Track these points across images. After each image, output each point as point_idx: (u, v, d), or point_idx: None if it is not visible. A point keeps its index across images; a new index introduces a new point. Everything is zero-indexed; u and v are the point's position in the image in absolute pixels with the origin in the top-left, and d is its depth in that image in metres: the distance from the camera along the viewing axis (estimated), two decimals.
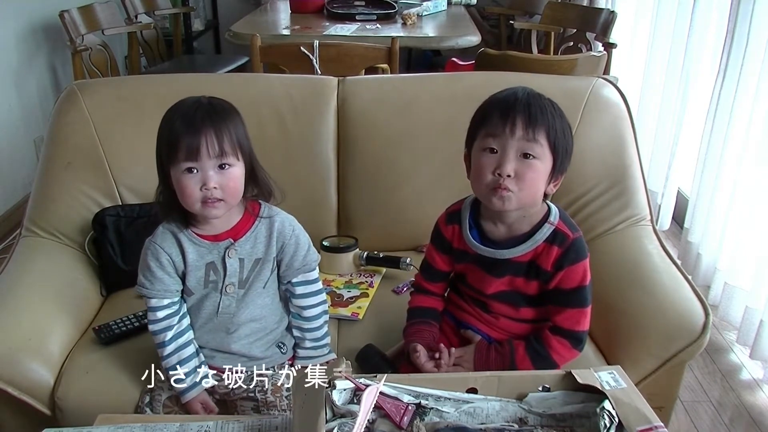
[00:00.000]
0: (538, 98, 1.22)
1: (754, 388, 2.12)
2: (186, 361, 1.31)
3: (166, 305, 1.31)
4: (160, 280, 1.29)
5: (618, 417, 0.93)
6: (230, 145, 1.21)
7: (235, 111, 1.26)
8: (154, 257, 1.29)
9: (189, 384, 1.31)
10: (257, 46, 2.60)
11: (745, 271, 2.30)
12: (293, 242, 1.33)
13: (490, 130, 1.21)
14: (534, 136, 1.18)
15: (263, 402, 1.32)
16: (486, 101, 1.26)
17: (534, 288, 1.30)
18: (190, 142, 1.18)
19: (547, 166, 1.21)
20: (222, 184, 1.21)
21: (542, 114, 1.19)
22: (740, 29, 2.29)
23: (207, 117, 1.20)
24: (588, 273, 1.28)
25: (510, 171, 1.18)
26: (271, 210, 1.33)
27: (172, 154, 1.20)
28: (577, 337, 1.29)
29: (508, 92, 1.24)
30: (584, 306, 1.29)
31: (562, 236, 1.25)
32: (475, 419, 0.98)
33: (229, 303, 1.32)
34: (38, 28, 3.45)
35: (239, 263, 1.31)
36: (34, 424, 1.30)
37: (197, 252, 1.29)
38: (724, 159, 2.42)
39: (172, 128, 1.21)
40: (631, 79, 3.38)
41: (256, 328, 1.35)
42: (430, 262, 1.40)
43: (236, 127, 1.23)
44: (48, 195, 1.74)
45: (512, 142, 1.18)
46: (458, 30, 3.46)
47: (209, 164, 1.20)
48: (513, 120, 1.18)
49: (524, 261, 1.27)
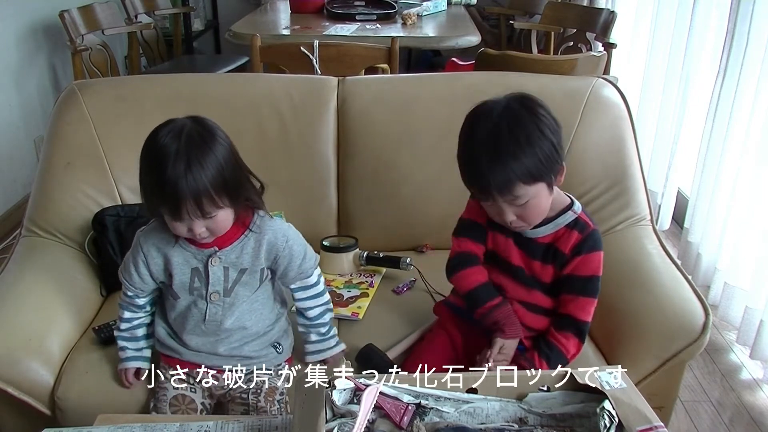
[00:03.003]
0: (497, 143, 1.18)
1: (754, 388, 2.12)
2: (132, 339, 1.38)
3: (136, 295, 1.36)
4: (131, 275, 1.33)
5: (618, 417, 0.93)
6: (212, 201, 1.17)
7: (217, 142, 1.19)
8: (133, 254, 1.32)
9: (129, 355, 1.37)
10: (257, 46, 2.60)
11: (745, 271, 2.30)
12: (287, 254, 1.32)
13: (476, 197, 1.26)
14: (514, 195, 1.20)
15: (254, 407, 1.32)
16: (459, 146, 1.25)
17: (549, 273, 1.32)
18: (171, 206, 1.17)
19: (543, 190, 1.22)
20: (210, 227, 1.22)
21: (507, 170, 1.17)
22: (740, 29, 2.29)
23: (185, 174, 1.13)
24: (601, 266, 1.31)
25: (511, 219, 1.24)
26: (264, 221, 1.31)
27: (155, 203, 1.20)
28: (582, 328, 1.32)
29: (473, 140, 1.21)
30: (594, 296, 1.32)
31: (583, 224, 1.30)
32: (475, 419, 0.98)
33: (216, 311, 1.32)
34: (38, 28, 3.44)
35: (223, 272, 1.30)
36: (34, 424, 1.30)
37: (183, 256, 1.30)
38: (724, 159, 2.41)
39: (152, 184, 1.18)
40: (631, 79, 3.37)
41: (247, 333, 1.35)
42: (473, 219, 1.37)
43: (218, 170, 1.17)
44: (48, 195, 1.73)
45: (500, 203, 1.22)
46: (458, 30, 3.46)
47: (194, 220, 1.19)
48: (487, 191, 1.21)
49: (544, 243, 1.30)
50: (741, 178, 2.32)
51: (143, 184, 1.21)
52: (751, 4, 2.23)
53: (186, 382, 1.35)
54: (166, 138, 1.16)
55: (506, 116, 1.20)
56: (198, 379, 1.35)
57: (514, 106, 1.21)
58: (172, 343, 1.36)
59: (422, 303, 1.59)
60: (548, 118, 1.22)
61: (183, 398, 1.33)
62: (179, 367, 1.35)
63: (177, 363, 1.36)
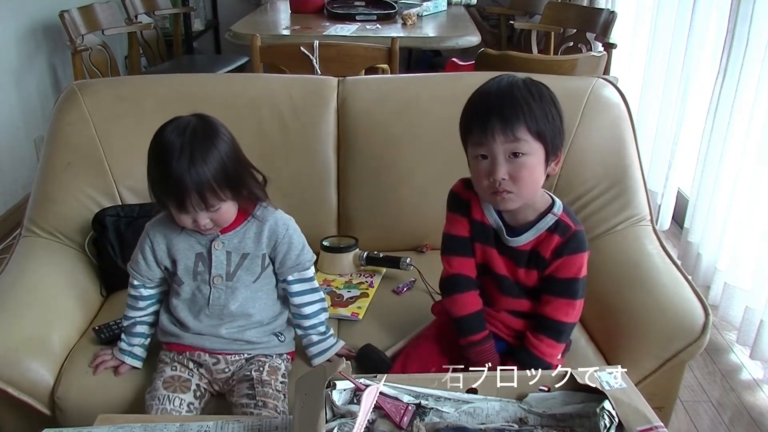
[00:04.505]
0: (511, 90, 1.21)
1: (754, 388, 2.12)
2: (128, 334, 1.42)
3: (142, 285, 1.40)
4: (137, 263, 1.38)
5: (618, 417, 0.93)
6: (215, 194, 1.23)
7: (220, 138, 1.25)
8: (141, 243, 1.38)
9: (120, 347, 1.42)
10: (257, 46, 2.60)
11: (745, 271, 2.30)
12: (286, 241, 1.36)
13: (474, 139, 1.23)
14: (515, 136, 1.18)
15: (258, 380, 1.33)
16: (467, 102, 1.26)
17: (533, 278, 1.31)
18: (176, 199, 1.23)
19: (539, 156, 1.21)
20: (214, 219, 1.28)
21: (517, 110, 1.18)
22: (740, 29, 2.29)
23: (189, 168, 1.20)
24: (584, 267, 1.29)
25: (503, 175, 1.20)
26: (266, 210, 1.36)
27: (162, 197, 1.26)
28: (559, 329, 1.30)
29: (484, 90, 1.25)
30: (574, 298, 1.29)
31: (564, 227, 1.27)
32: (475, 419, 0.98)
33: (219, 295, 1.36)
34: (38, 28, 3.44)
35: (226, 256, 1.35)
36: (34, 424, 1.30)
37: (187, 241, 1.35)
38: (724, 159, 2.41)
39: (158, 178, 1.24)
40: (631, 79, 3.37)
41: (251, 321, 1.38)
42: (455, 234, 1.36)
43: (221, 164, 1.23)
44: (48, 195, 1.73)
45: (497, 146, 1.19)
46: (458, 30, 3.46)
47: (199, 212, 1.25)
48: (491, 127, 1.19)
49: (526, 249, 1.29)
50: (741, 178, 2.32)
51: (150, 179, 1.27)
52: (751, 4, 2.23)
53: (186, 367, 1.37)
54: (171, 134, 1.22)
55: (523, 79, 1.24)
56: (199, 361, 1.37)
57: (532, 80, 1.25)
58: (174, 329, 1.39)
59: (422, 303, 1.59)
60: (558, 103, 1.25)
61: (178, 378, 1.35)
62: (179, 350, 1.38)
63: (177, 347, 1.38)
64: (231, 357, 1.38)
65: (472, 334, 1.33)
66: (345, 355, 1.43)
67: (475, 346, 1.33)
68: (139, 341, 1.42)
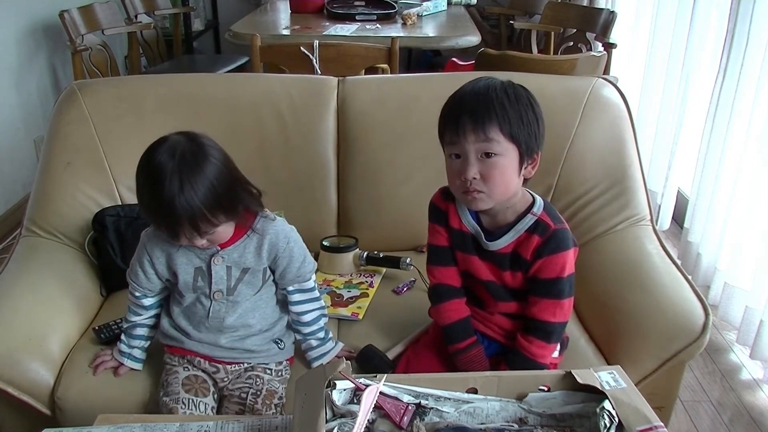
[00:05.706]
0: (486, 91, 1.20)
1: (754, 388, 2.12)
2: (128, 336, 1.41)
3: (143, 295, 1.38)
4: (137, 275, 1.35)
5: (618, 417, 0.93)
6: (208, 220, 1.19)
7: (209, 161, 1.18)
8: (139, 255, 1.35)
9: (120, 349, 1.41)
10: (257, 46, 2.60)
11: (745, 271, 2.30)
12: (287, 255, 1.34)
13: (448, 138, 1.23)
14: (486, 136, 1.18)
15: (250, 408, 1.32)
16: (445, 102, 1.26)
17: (519, 280, 1.30)
18: (169, 231, 1.21)
19: (512, 157, 1.21)
20: (211, 239, 1.26)
21: (490, 110, 1.18)
22: (740, 29, 2.29)
23: (179, 199, 1.14)
24: (569, 265, 1.27)
25: (474, 174, 1.20)
26: (266, 222, 1.32)
27: (154, 221, 1.25)
28: (548, 329, 1.28)
29: (461, 91, 1.24)
30: (560, 298, 1.28)
31: (543, 226, 1.26)
32: (475, 419, 0.98)
33: (219, 308, 1.34)
34: (38, 28, 3.44)
35: (226, 271, 1.32)
36: (34, 424, 1.30)
37: (186, 256, 1.32)
38: (724, 159, 2.41)
39: (148, 203, 1.20)
40: (631, 79, 3.37)
41: (250, 330, 1.37)
42: (436, 244, 1.38)
43: (210, 189, 1.17)
44: (48, 195, 1.73)
45: (469, 145, 1.19)
46: (458, 30, 3.46)
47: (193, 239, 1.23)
48: (463, 125, 1.19)
49: (507, 252, 1.28)
50: (741, 178, 2.32)
51: (141, 202, 1.23)
52: (751, 4, 2.23)
53: (197, 368, 1.37)
54: (161, 157, 1.16)
55: (502, 81, 1.23)
56: (201, 367, 1.37)
57: (512, 83, 1.24)
58: (175, 334, 1.38)
59: (422, 303, 1.58)
60: (538, 106, 1.24)
61: (196, 378, 1.35)
62: (182, 354, 1.38)
63: (180, 351, 1.38)
64: (231, 367, 1.37)
65: (458, 341, 1.34)
66: (345, 356, 1.43)
67: (462, 353, 1.33)
68: (139, 344, 1.41)
